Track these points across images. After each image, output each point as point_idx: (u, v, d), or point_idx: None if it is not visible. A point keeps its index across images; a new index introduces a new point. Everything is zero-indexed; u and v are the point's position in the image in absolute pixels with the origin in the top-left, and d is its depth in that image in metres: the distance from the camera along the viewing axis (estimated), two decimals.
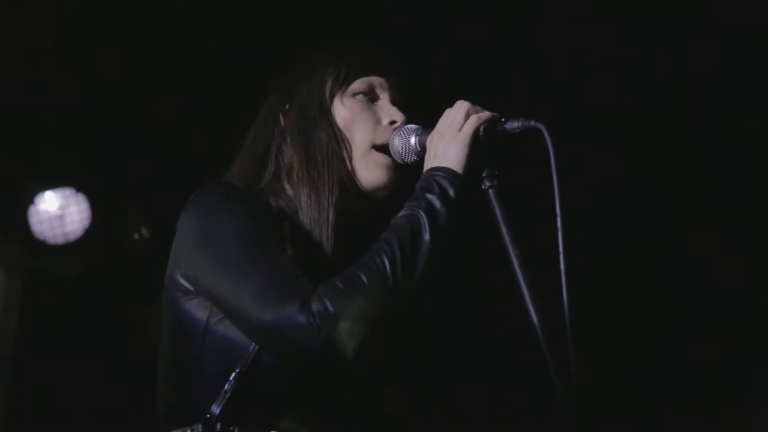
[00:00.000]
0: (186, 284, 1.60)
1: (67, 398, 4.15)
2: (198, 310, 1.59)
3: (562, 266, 1.47)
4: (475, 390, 4.12)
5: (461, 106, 1.63)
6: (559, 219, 1.50)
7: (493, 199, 1.58)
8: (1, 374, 4.25)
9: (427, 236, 1.52)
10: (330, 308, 1.43)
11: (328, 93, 1.76)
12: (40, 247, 4.15)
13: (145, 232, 4.28)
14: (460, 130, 1.61)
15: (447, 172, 1.59)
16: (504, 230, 1.55)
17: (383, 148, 1.73)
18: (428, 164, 1.63)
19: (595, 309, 3.83)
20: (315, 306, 1.42)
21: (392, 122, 1.74)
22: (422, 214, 1.55)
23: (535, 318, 1.45)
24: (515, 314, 1.53)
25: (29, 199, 4.07)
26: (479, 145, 1.61)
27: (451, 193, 1.57)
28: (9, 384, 4.24)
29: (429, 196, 1.57)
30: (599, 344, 3.77)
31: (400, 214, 1.58)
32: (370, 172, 1.74)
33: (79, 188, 4.09)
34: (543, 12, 3.71)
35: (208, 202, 1.67)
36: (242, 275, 1.52)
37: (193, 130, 3.82)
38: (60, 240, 4.10)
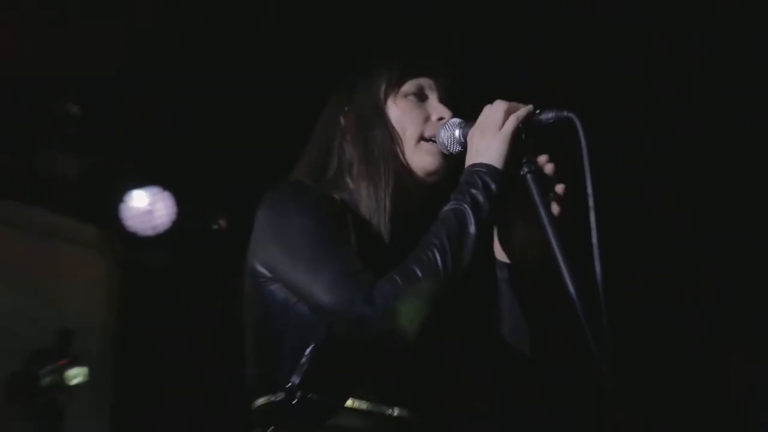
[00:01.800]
0: (264, 272, 1.68)
1: (161, 369, 4.33)
2: (278, 292, 1.68)
3: (595, 242, 1.48)
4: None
5: (500, 105, 1.69)
6: (591, 202, 1.54)
7: (531, 184, 1.63)
8: (108, 352, 4.43)
9: (472, 229, 1.58)
10: (390, 300, 1.52)
11: (382, 95, 1.84)
12: (132, 238, 4.34)
13: (222, 223, 4.45)
14: (500, 128, 1.66)
15: (489, 168, 1.64)
16: (542, 212, 1.60)
17: (431, 141, 1.81)
18: (470, 160, 1.69)
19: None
20: (377, 298, 1.51)
21: (440, 118, 1.81)
22: (467, 208, 1.61)
23: (573, 291, 1.48)
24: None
25: (121, 197, 4.23)
26: (518, 141, 1.67)
27: (493, 187, 1.62)
28: (114, 361, 4.44)
29: (473, 191, 1.62)
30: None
31: (447, 207, 1.65)
32: (421, 159, 1.81)
33: (165, 187, 4.26)
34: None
35: (281, 199, 1.76)
36: (313, 268, 1.60)
37: (264, 134, 3.88)
38: (147, 231, 4.25)
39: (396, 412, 1.60)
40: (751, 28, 3.51)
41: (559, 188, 1.69)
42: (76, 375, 3.58)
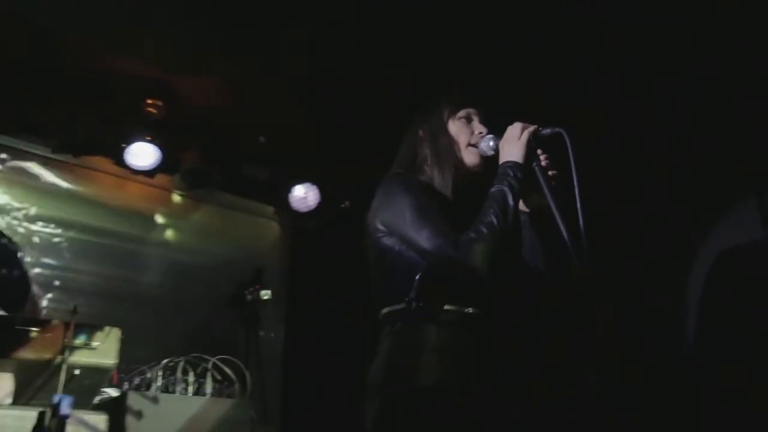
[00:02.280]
0: (383, 228, 1.87)
1: (315, 290, 4.86)
2: (392, 242, 1.85)
3: (577, 199, 1.67)
4: None
5: (517, 125, 1.90)
6: (575, 179, 1.71)
7: (537, 171, 1.85)
8: (282, 280, 5.02)
9: (511, 201, 1.79)
10: (468, 246, 1.73)
11: (445, 118, 2.04)
12: (295, 214, 4.94)
13: (347, 203, 5.02)
14: (519, 139, 1.86)
15: (515, 163, 1.85)
16: (544, 186, 1.82)
17: (475, 147, 1.99)
18: (502, 159, 1.88)
19: None
20: (461, 245, 1.73)
21: (480, 133, 2.00)
22: (506, 188, 1.81)
23: (561, 224, 1.70)
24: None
25: (289, 189, 4.82)
26: (530, 145, 1.86)
27: (519, 175, 1.83)
28: (285, 286, 5.04)
29: (508, 177, 1.82)
30: None
31: (493, 189, 1.83)
32: (469, 159, 2.00)
33: (313, 182, 4.85)
34: None
35: (391, 182, 1.94)
36: (417, 227, 1.78)
37: (373, 140, 3.64)
38: (304, 209, 4.87)
39: (470, 310, 1.80)
40: None
41: (552, 173, 1.87)
42: (265, 294, 4.11)
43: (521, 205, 1.96)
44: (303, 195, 4.87)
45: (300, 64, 3.82)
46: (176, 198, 4.97)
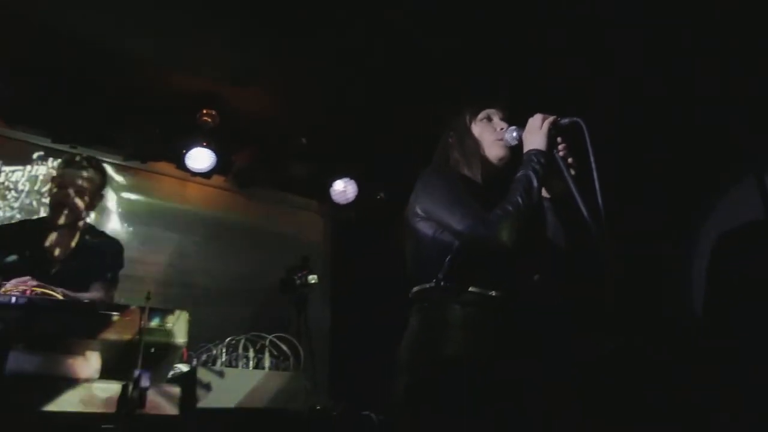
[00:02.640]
0: (422, 214, 1.86)
1: (356, 274, 4.91)
2: (428, 227, 1.85)
3: (596, 186, 1.65)
4: None
5: (538, 116, 1.88)
6: (593, 165, 1.69)
7: (558, 157, 1.84)
8: (326, 266, 5.12)
9: (536, 183, 1.79)
10: (497, 224, 1.72)
11: (467, 122, 2.04)
12: (336, 206, 5.02)
13: (381, 195, 5.06)
14: (540, 128, 1.85)
15: (538, 151, 1.83)
16: (564, 171, 1.81)
17: (500, 140, 1.98)
18: (526, 147, 1.87)
19: None
20: (490, 224, 1.72)
21: (502, 128, 2.00)
22: (531, 172, 1.80)
23: (582, 207, 1.69)
24: None
25: (329, 183, 4.87)
26: (551, 134, 1.85)
27: (542, 161, 1.82)
28: (329, 271, 5.15)
29: (532, 163, 1.82)
30: None
31: (519, 174, 1.83)
32: (495, 152, 1.99)
33: (352, 177, 4.90)
34: None
35: (430, 175, 1.96)
36: (451, 211, 1.78)
37: (403, 137, 3.96)
38: (344, 202, 4.93)
39: (494, 293, 1.78)
40: None
41: (571, 159, 1.86)
42: (312, 278, 4.07)
43: (544, 192, 1.95)
44: (342, 189, 4.91)
45: (336, 70, 3.84)
46: (230, 196, 5.04)
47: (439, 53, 3.58)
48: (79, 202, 2.70)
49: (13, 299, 1.67)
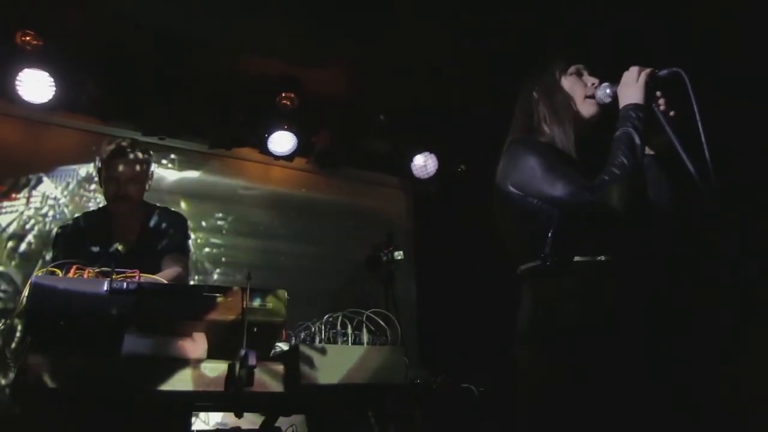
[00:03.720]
0: (515, 191, 1.81)
1: (438, 248, 4.89)
2: (524, 202, 1.80)
3: (702, 139, 1.58)
4: None
5: (634, 69, 1.80)
6: (698, 117, 1.61)
7: (658, 112, 1.76)
8: (410, 241, 5.08)
9: (638, 140, 1.72)
10: (603, 188, 1.68)
11: (557, 76, 1.95)
12: (417, 181, 5.05)
13: (462, 167, 5.07)
14: (636, 81, 1.77)
15: (636, 105, 1.75)
16: (665, 125, 1.73)
17: (591, 97, 1.90)
18: (623, 102, 1.78)
19: None
20: (596, 188, 1.68)
21: (593, 84, 1.91)
22: (631, 129, 1.73)
23: (685, 159, 1.61)
24: None
25: (410, 159, 4.93)
26: (648, 87, 1.76)
27: (642, 115, 1.74)
28: (413, 246, 5.11)
29: (631, 119, 1.74)
30: None
31: (618, 132, 1.75)
32: (587, 110, 1.91)
33: (431, 151, 4.92)
34: None
35: (517, 146, 1.89)
36: (550, 181, 1.73)
37: (481, 107, 3.93)
38: (424, 176, 4.97)
39: (603, 258, 1.73)
40: None
41: (671, 112, 1.79)
42: (398, 254, 4.16)
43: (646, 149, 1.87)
44: (423, 163, 4.92)
45: (412, 46, 3.81)
46: (312, 177, 5.10)
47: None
48: (135, 188, 2.76)
49: (125, 285, 1.73)
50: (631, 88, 1.77)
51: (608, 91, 1.85)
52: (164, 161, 4.53)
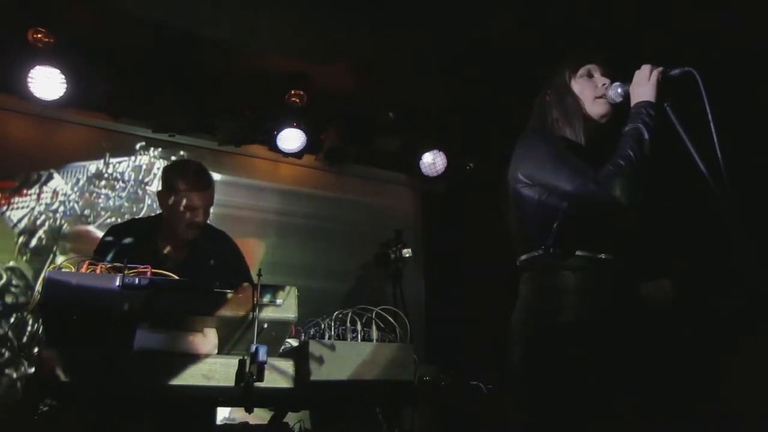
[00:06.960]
0: (525, 180, 1.84)
1: (447, 245, 4.88)
2: (533, 192, 1.82)
3: (714, 138, 1.56)
4: None
5: (646, 67, 1.81)
6: (710, 117, 1.59)
7: (669, 111, 1.75)
8: (419, 238, 5.08)
9: (646, 135, 1.73)
10: (609, 180, 1.69)
11: (567, 79, 1.98)
12: (426, 179, 4.96)
13: (471, 165, 4.97)
14: (648, 80, 1.78)
15: (648, 102, 1.77)
16: (679, 127, 1.71)
17: (602, 97, 1.92)
18: (635, 100, 1.80)
19: None
20: (601, 180, 1.70)
21: (604, 84, 1.93)
22: (641, 125, 1.74)
23: (696, 157, 1.61)
24: None
25: (419, 157, 4.83)
26: (660, 86, 1.77)
27: (652, 113, 1.75)
28: (422, 243, 5.11)
29: (641, 115, 1.75)
30: None
31: (628, 127, 1.77)
32: (597, 110, 1.93)
33: (440, 149, 4.83)
34: None
35: (531, 138, 1.94)
36: (557, 171, 1.76)
37: (490, 105, 4.08)
38: (433, 174, 4.90)
39: (603, 256, 1.76)
40: None
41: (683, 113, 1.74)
42: (407, 252, 4.26)
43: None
44: (431, 161, 4.88)
45: (421, 44, 3.80)
46: (322, 174, 5.09)
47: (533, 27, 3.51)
48: (207, 215, 2.73)
49: (137, 280, 1.75)
50: (643, 86, 1.78)
51: (620, 90, 1.85)
52: (174, 158, 4.55)
